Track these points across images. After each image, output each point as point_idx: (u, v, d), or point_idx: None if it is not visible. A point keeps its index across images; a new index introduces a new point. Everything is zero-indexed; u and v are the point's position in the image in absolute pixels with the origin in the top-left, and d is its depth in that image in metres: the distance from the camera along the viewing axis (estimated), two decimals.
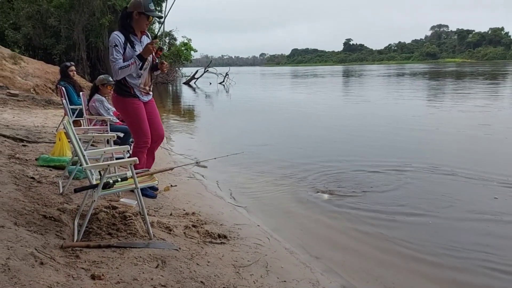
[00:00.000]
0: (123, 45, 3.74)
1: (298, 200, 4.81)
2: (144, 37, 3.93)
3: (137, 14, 3.74)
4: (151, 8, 3.75)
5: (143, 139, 3.99)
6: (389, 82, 31.56)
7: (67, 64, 7.31)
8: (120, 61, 3.71)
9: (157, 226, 3.29)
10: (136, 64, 3.74)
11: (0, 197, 3.14)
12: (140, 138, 4.00)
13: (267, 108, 15.59)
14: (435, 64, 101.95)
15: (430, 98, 18.16)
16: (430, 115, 12.21)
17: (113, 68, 3.71)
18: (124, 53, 3.75)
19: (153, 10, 3.78)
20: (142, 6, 3.71)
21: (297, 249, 3.52)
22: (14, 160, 4.68)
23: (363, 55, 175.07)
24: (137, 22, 3.79)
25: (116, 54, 3.69)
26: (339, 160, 6.69)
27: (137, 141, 4.03)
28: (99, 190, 2.83)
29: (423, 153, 7.19)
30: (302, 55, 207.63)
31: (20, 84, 13.70)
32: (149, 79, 4.02)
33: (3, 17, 26.43)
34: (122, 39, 3.73)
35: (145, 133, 3.99)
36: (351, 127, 10.28)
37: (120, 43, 3.71)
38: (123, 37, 3.74)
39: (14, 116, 8.78)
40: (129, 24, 3.80)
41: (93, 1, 25.03)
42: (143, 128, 3.98)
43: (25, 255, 2.28)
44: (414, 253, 3.50)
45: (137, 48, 3.82)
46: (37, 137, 6.45)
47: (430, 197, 4.86)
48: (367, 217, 4.26)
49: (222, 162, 6.17)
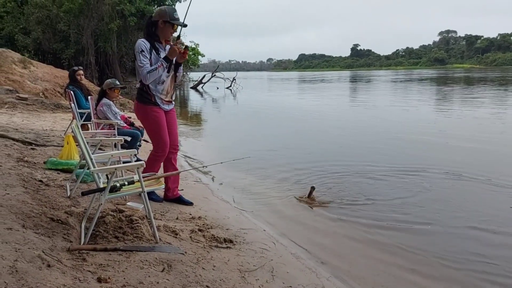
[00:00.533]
0: (149, 51, 3.78)
1: (305, 206, 4.79)
2: (168, 46, 3.95)
3: (162, 23, 3.79)
4: (176, 17, 3.80)
5: (161, 147, 3.99)
6: (399, 88, 31.45)
7: (75, 69, 7.39)
8: (148, 66, 3.74)
9: (163, 230, 3.30)
10: (164, 66, 3.77)
11: (8, 200, 3.17)
12: (158, 147, 4.00)
13: (274, 113, 15.61)
14: (444, 70, 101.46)
15: (442, 104, 18.01)
16: (443, 121, 12.10)
17: (141, 73, 3.74)
18: (150, 58, 3.78)
19: (178, 19, 3.83)
20: (168, 15, 3.77)
21: (303, 254, 3.51)
22: (22, 163, 4.73)
23: (371, 61, 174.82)
24: (162, 30, 3.84)
25: (143, 59, 3.73)
26: (346, 165, 6.66)
27: (155, 149, 4.03)
28: (106, 193, 2.85)
29: (437, 160, 7.11)
30: (309, 60, 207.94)
31: (29, 88, 13.85)
32: (171, 86, 4.01)
33: (13, 22, 26.80)
34: (147, 45, 3.78)
35: (164, 142, 3.99)
36: (359, 133, 10.26)
37: (146, 49, 3.76)
38: (148, 44, 3.79)
39: (23, 119, 8.87)
40: (154, 32, 3.85)
41: (102, 6, 25.31)
42: (162, 136, 3.97)
43: (33, 257, 2.29)
44: (423, 261, 3.48)
45: (162, 55, 3.84)
46: (46, 140, 6.51)
47: (442, 205, 4.81)
48: (374, 224, 4.23)
49: (228, 166, 6.20)
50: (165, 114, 4.03)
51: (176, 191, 4.31)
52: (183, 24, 3.85)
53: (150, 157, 4.07)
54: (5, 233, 2.51)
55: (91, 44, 26.44)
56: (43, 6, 25.64)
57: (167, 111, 4.06)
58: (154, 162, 4.03)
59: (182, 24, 3.85)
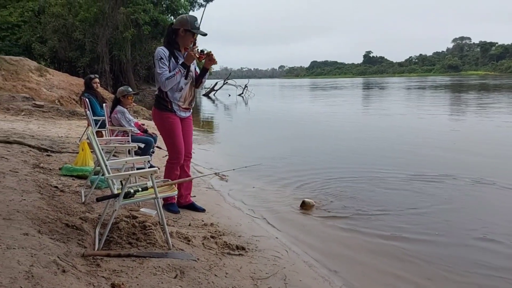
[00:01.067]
0: (168, 58, 3.82)
1: (317, 214, 4.77)
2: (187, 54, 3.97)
3: (183, 31, 3.83)
4: (197, 26, 3.85)
5: (176, 154, 4.02)
6: (414, 95, 31.17)
7: (91, 76, 7.50)
8: (166, 72, 3.78)
9: (176, 236, 3.31)
10: (181, 72, 3.81)
11: (25, 206, 3.23)
12: (173, 154, 4.04)
13: (286, 120, 15.61)
14: (459, 77, 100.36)
15: (459, 111, 17.78)
16: (461, 129, 11.93)
17: (160, 80, 3.78)
18: (168, 65, 3.82)
19: (199, 28, 3.87)
20: (189, 23, 3.81)
21: (316, 262, 3.48)
22: (38, 169, 4.81)
23: (384, 68, 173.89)
24: (183, 38, 3.87)
25: (162, 66, 3.78)
26: (359, 173, 6.60)
27: (170, 156, 4.07)
28: (120, 199, 2.88)
29: (455, 167, 7.01)
30: (322, 67, 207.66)
31: (45, 95, 14.10)
32: (189, 94, 4.04)
33: (30, 31, 27.35)
34: (166, 53, 3.83)
35: (178, 149, 4.02)
36: (373, 140, 10.18)
37: (165, 57, 3.81)
38: (167, 51, 3.84)
39: (39, 126, 9.02)
40: (174, 40, 3.89)
41: (117, 15, 25.71)
42: (177, 143, 4.01)
43: (48, 262, 2.32)
44: (437, 271, 3.43)
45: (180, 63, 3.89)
46: (61, 147, 6.61)
47: (458, 215, 4.74)
48: (387, 235, 4.18)
49: (240, 173, 6.21)
50: (181, 121, 4.07)
51: (189, 198, 4.33)
52: (204, 33, 3.92)
53: (166, 165, 4.11)
54: (22, 238, 2.55)
55: (106, 52, 26.84)
56: (60, 15, 26.15)
57: (184, 118, 4.10)
58: (170, 169, 4.06)
59: (202, 33, 3.91)
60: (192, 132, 4.30)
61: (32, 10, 27.77)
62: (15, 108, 11.20)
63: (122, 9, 25.29)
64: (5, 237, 2.49)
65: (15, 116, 10.32)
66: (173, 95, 3.93)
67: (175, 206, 4.17)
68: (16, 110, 11.04)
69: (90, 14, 25.64)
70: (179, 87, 3.91)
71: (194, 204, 4.32)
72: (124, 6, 25.60)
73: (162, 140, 4.28)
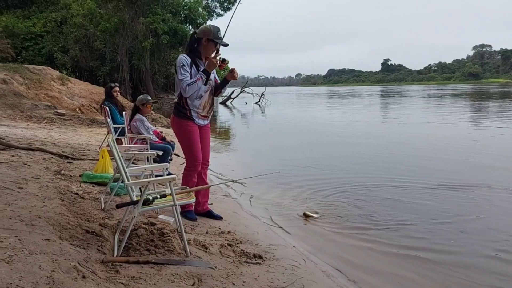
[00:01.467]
0: (189, 66, 3.87)
1: (335, 223, 4.72)
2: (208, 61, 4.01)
3: (206, 40, 3.88)
4: (219, 36, 3.92)
5: (193, 162, 4.05)
6: (434, 103, 30.70)
7: (112, 85, 7.63)
8: (188, 79, 3.83)
9: (194, 244, 3.32)
10: (202, 79, 3.86)
11: (46, 212, 3.28)
12: (190, 161, 4.06)
13: (303, 128, 15.57)
14: (480, 85, 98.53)
15: (484, 120, 17.34)
16: (485, 139, 11.61)
17: (181, 86, 3.83)
18: (190, 72, 3.87)
19: (221, 38, 3.93)
20: (212, 33, 3.86)
21: (334, 272, 3.45)
22: (59, 176, 4.90)
23: (402, 75, 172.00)
24: (205, 48, 3.92)
25: (183, 73, 3.83)
26: (380, 182, 6.53)
27: (187, 163, 4.09)
28: (139, 206, 2.91)
29: (480, 178, 6.88)
30: (339, 75, 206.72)
31: (66, 104, 14.39)
32: (208, 102, 4.08)
33: (53, 40, 28.05)
34: (188, 60, 3.88)
35: (195, 157, 4.04)
36: (392, 149, 10.07)
37: (187, 64, 3.86)
38: (189, 59, 3.90)
39: (61, 134, 9.21)
40: (196, 48, 3.95)
41: (136, 25, 26.19)
42: (194, 151, 4.04)
43: (69, 268, 2.35)
44: (459, 281, 3.35)
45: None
46: (81, 154, 6.72)
47: (481, 230, 4.64)
48: (407, 244, 4.11)
49: (258, 181, 6.20)
50: (200, 129, 4.10)
51: (206, 205, 4.35)
52: (225, 43, 3.97)
53: (184, 172, 4.13)
54: (43, 244, 2.59)
55: (125, 61, 27.32)
56: (81, 25, 26.77)
57: (202, 126, 4.13)
58: (187, 177, 4.08)
59: (224, 44, 3.96)
60: (209, 140, 4.32)
61: (54, 20, 28.51)
62: (38, 116, 11.47)
63: (142, 19, 25.74)
64: (27, 243, 2.54)
65: (37, 124, 10.57)
66: (193, 103, 3.97)
67: (193, 213, 4.19)
68: (38, 118, 11.31)
69: (111, 24, 26.15)
70: (199, 94, 3.96)
71: (211, 212, 4.33)
72: (143, 16, 26.05)
73: (180, 147, 4.31)
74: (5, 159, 5.05)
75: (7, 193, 3.57)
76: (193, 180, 4.11)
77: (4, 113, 11.21)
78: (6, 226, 2.75)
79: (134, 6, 26.14)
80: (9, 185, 3.82)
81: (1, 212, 3.04)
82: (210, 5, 32.54)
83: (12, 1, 30.11)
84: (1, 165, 4.61)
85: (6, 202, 3.31)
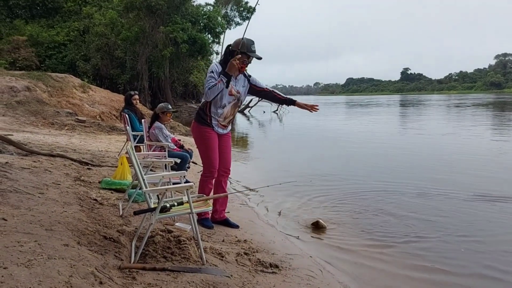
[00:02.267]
0: (218, 73, 3.85)
1: (352, 234, 4.66)
2: (240, 76, 4.06)
3: (239, 53, 3.88)
4: (253, 50, 3.92)
5: (209, 168, 4.06)
6: (457, 113, 30.12)
7: (131, 93, 7.74)
8: (211, 83, 3.83)
9: (210, 252, 3.32)
10: (223, 81, 3.83)
11: (65, 217, 3.33)
12: (206, 167, 4.09)
13: (321, 137, 15.49)
14: (503, 94, 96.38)
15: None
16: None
17: (204, 91, 3.88)
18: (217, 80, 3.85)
19: (254, 51, 3.94)
20: (245, 46, 3.88)
21: (351, 283, 3.39)
22: (79, 182, 4.97)
23: (422, 85, 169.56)
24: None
25: (209, 79, 3.85)
26: (401, 193, 6.43)
27: (204, 170, 4.12)
28: (156, 213, 2.93)
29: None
30: (358, 84, 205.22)
31: (87, 111, 14.67)
32: (231, 113, 4.09)
33: (75, 49, 28.69)
34: (219, 69, 3.89)
35: (211, 163, 4.05)
36: (412, 160, 9.92)
37: (216, 71, 3.86)
38: (220, 68, 3.90)
39: (81, 141, 9.37)
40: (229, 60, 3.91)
41: (156, 34, 26.59)
42: (211, 157, 4.05)
43: (86, 274, 2.38)
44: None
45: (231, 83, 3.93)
46: (101, 161, 6.82)
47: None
48: (427, 261, 4.03)
49: (275, 190, 6.17)
50: (220, 138, 4.12)
51: (223, 214, 4.35)
52: (259, 56, 3.97)
53: (200, 178, 4.16)
54: (62, 249, 2.63)
55: (145, 70, 27.73)
56: (103, 34, 27.32)
57: (222, 135, 4.14)
58: (203, 183, 4.10)
59: (258, 57, 3.96)
60: (230, 149, 4.30)
61: (77, 29, 29.17)
62: (59, 123, 11.71)
63: (162, 28, 26.13)
64: (46, 247, 2.57)
65: (59, 131, 10.79)
66: (216, 111, 4.00)
67: (209, 221, 4.19)
68: (60, 124, 11.55)
69: (131, 33, 26.62)
70: (222, 103, 3.98)
71: (228, 220, 4.33)
72: (163, 25, 26.45)
73: (198, 154, 4.33)
74: (27, 164, 5.15)
75: (28, 198, 3.64)
76: (209, 187, 4.12)
77: (27, 119, 11.49)
78: (26, 231, 2.80)
79: (155, 15, 26.56)
80: (30, 190, 3.89)
81: (22, 216, 3.10)
82: (229, 14, 32.87)
83: (37, 11, 30.98)
84: (23, 170, 4.71)
85: (27, 207, 3.38)
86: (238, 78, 4.04)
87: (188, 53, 27.52)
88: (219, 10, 30.93)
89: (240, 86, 4.06)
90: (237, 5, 33.11)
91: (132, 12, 26.98)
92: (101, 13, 28.48)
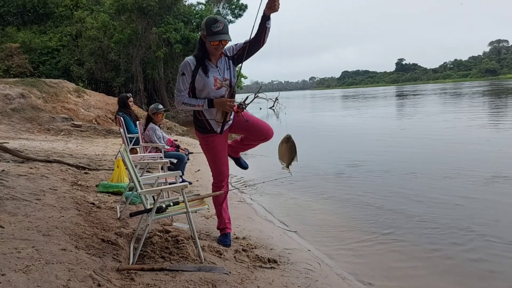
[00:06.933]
0: (192, 72, 3.31)
1: (349, 226, 4.69)
2: (221, 60, 3.40)
3: (204, 37, 3.29)
4: (214, 30, 3.18)
5: (217, 177, 3.65)
6: (455, 102, 30.07)
7: (127, 95, 7.71)
8: (185, 94, 3.34)
9: (208, 250, 3.34)
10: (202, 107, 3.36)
11: (63, 222, 3.35)
12: (215, 176, 3.67)
13: (318, 132, 15.51)
14: (499, 81, 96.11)
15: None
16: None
17: (176, 99, 3.37)
18: (194, 81, 3.32)
19: (217, 32, 3.18)
20: (205, 28, 3.24)
21: (349, 275, 3.42)
22: (76, 186, 4.99)
23: (417, 75, 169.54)
24: (209, 46, 3.28)
25: (181, 84, 3.33)
26: (397, 186, 6.46)
27: (214, 179, 3.69)
28: (152, 214, 2.94)
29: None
30: (353, 77, 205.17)
31: (83, 115, 14.67)
32: None
33: (69, 54, 28.60)
34: (192, 66, 3.31)
35: (219, 172, 3.64)
36: (414, 153, 9.94)
37: (189, 72, 3.30)
38: (195, 63, 3.32)
39: (77, 145, 9.38)
40: (205, 48, 3.34)
41: (149, 35, 26.53)
42: (217, 167, 3.63)
43: (84, 277, 2.39)
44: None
45: (211, 74, 3.32)
46: (98, 164, 6.83)
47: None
48: (425, 247, 4.07)
49: (271, 185, 6.21)
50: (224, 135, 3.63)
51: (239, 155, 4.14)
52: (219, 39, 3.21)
53: (212, 188, 3.75)
54: (60, 253, 2.64)
55: (139, 71, 27.68)
56: (96, 38, 27.24)
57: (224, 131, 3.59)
58: (215, 192, 3.70)
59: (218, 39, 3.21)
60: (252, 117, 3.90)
61: (70, 34, 29.07)
62: (55, 128, 11.71)
63: (154, 29, 26.08)
64: (44, 253, 2.59)
65: (55, 136, 10.79)
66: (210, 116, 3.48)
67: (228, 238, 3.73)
68: (56, 130, 11.55)
69: (124, 36, 26.55)
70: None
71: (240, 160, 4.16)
72: (156, 26, 26.39)
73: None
74: (24, 171, 5.16)
75: (25, 204, 3.65)
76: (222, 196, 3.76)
77: (23, 126, 11.48)
78: (24, 237, 2.81)
79: (147, 16, 26.49)
80: (27, 197, 3.91)
81: (20, 223, 3.11)
82: (221, 12, 32.74)
83: (28, 17, 30.86)
84: (20, 177, 4.72)
85: (24, 213, 3.39)
86: (219, 64, 3.39)
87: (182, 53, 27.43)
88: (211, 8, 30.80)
89: (225, 70, 3.41)
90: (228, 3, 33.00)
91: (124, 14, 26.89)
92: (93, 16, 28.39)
